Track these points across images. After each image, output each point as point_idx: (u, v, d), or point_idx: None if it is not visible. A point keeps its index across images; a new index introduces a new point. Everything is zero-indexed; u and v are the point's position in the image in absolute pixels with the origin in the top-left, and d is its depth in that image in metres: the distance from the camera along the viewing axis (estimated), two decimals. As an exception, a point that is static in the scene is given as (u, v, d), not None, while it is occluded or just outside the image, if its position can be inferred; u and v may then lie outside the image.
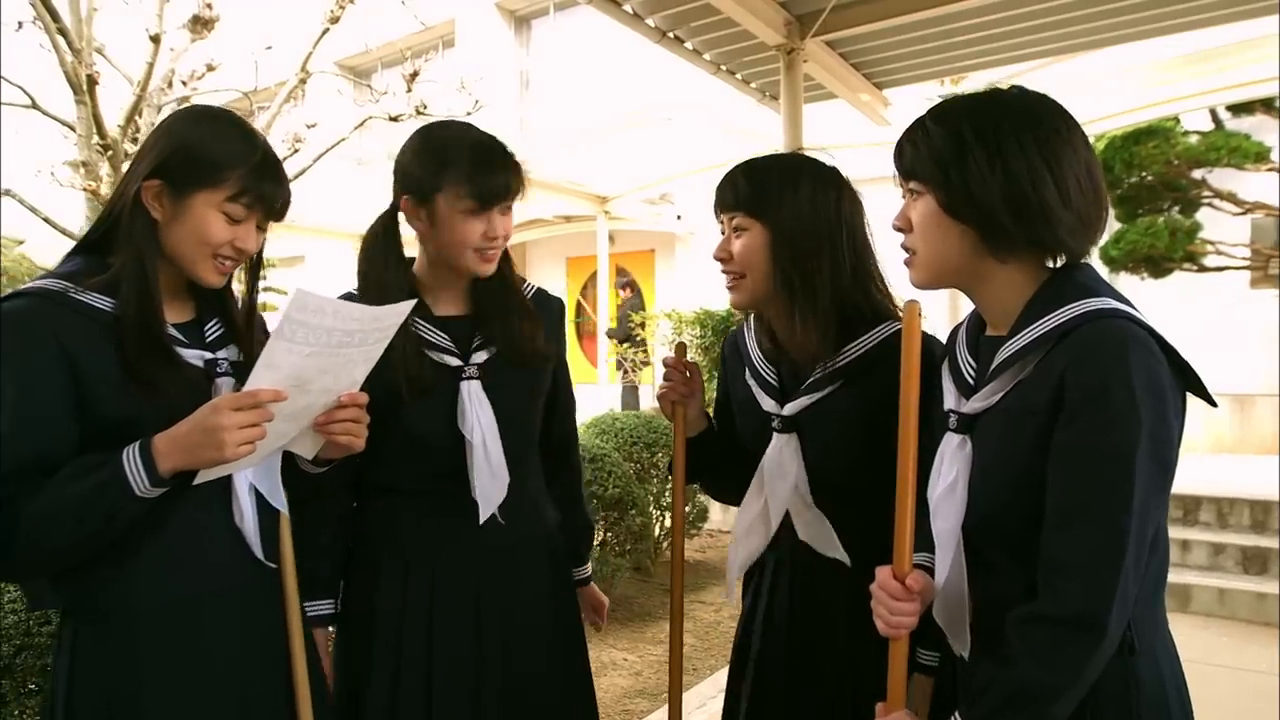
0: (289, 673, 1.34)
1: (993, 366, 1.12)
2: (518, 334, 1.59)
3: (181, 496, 1.21)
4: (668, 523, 4.97)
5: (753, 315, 1.63)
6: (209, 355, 1.30)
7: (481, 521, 1.53)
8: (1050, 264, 1.14)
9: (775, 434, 1.53)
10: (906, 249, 1.19)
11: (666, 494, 4.83)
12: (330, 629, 1.61)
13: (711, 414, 1.76)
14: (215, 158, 1.24)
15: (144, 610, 1.22)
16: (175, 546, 1.24)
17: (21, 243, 10.14)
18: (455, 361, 1.56)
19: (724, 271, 1.52)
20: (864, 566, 1.40)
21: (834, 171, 1.51)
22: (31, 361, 1.14)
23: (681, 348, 1.69)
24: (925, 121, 1.14)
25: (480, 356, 1.57)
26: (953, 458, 1.14)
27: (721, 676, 3.35)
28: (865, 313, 1.48)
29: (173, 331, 1.27)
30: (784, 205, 1.45)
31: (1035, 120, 1.09)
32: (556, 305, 1.74)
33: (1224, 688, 3.56)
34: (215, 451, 1.13)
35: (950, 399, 1.20)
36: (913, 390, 1.10)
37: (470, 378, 1.55)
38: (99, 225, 1.27)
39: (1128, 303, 1.06)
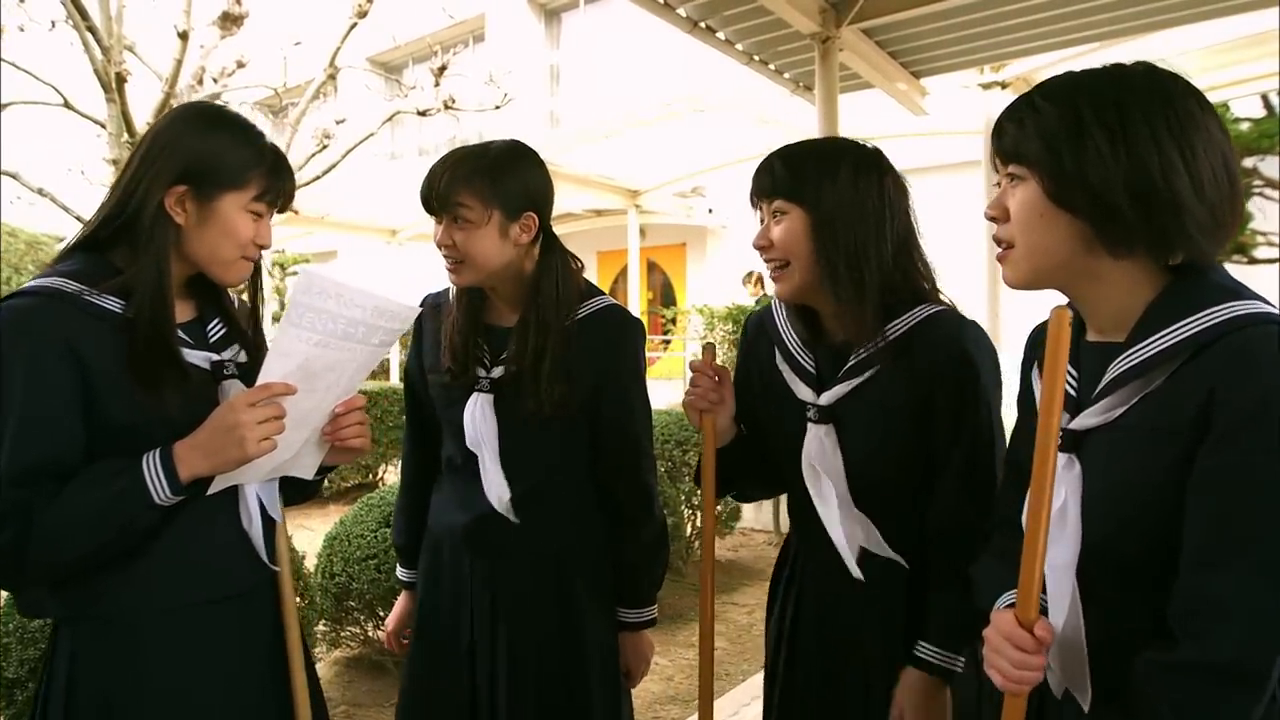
0: (287, 677, 1.34)
1: (1111, 377, 0.98)
2: (528, 355, 1.54)
3: (189, 503, 1.20)
4: (699, 522, 4.90)
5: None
6: (215, 356, 1.30)
7: (498, 509, 1.59)
8: (1166, 263, 1.00)
9: (811, 424, 1.44)
10: (1001, 241, 1.07)
11: (699, 494, 4.76)
12: None
13: None
14: (239, 160, 1.26)
15: (148, 616, 1.21)
16: (181, 552, 1.23)
17: (62, 239, 10.33)
18: (481, 372, 1.59)
19: (766, 260, 1.45)
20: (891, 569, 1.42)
21: (876, 153, 1.44)
22: (40, 361, 1.12)
23: (710, 350, 1.58)
24: (1033, 98, 1.02)
25: (499, 371, 1.58)
26: (1059, 480, 1.00)
27: (755, 682, 3.31)
28: (904, 295, 1.40)
29: (179, 334, 1.26)
30: (824, 187, 1.38)
31: (1166, 99, 0.96)
32: (614, 324, 1.62)
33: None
34: (238, 450, 1.14)
35: None
36: (1055, 407, 0.93)
37: (481, 390, 1.58)
38: (106, 225, 1.24)
39: (1275, 307, 0.93)
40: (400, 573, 1.82)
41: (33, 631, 2.20)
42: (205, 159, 1.24)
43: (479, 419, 1.57)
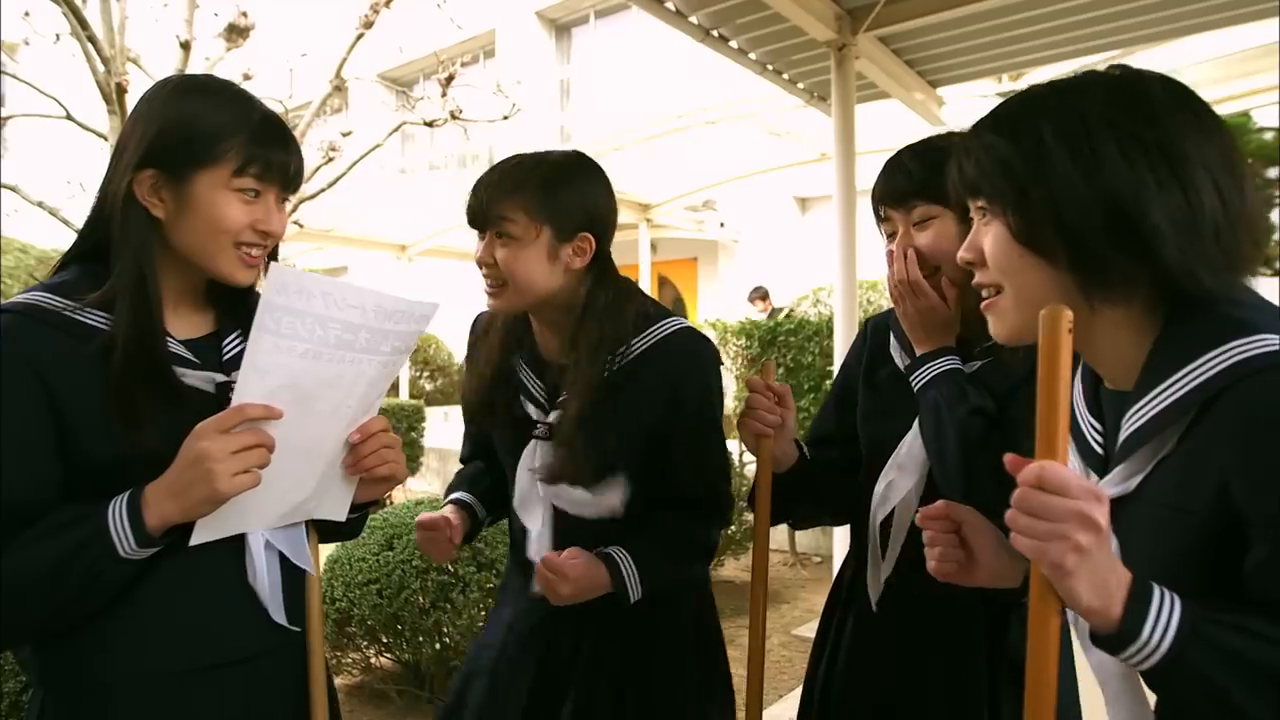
0: None
1: (1123, 438, 0.84)
2: (587, 393, 1.34)
3: (182, 551, 1.03)
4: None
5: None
6: (220, 378, 1.10)
7: (535, 588, 1.37)
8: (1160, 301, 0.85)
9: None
10: (984, 287, 0.92)
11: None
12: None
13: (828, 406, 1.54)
14: (208, 129, 1.07)
15: (122, 683, 1.04)
16: (168, 610, 1.06)
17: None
18: (535, 413, 1.42)
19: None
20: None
21: None
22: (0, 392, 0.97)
23: (769, 366, 1.39)
24: (986, 124, 0.88)
25: (557, 415, 1.39)
26: None
27: (770, 711, 3.18)
28: None
29: (179, 350, 1.09)
30: None
31: (1143, 103, 0.81)
32: (679, 355, 1.38)
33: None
34: (206, 486, 0.95)
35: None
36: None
37: (539, 437, 1.40)
38: (90, 232, 1.10)
39: None
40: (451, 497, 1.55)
41: (15, 664, 2.10)
42: (171, 134, 1.06)
43: (534, 476, 1.39)
